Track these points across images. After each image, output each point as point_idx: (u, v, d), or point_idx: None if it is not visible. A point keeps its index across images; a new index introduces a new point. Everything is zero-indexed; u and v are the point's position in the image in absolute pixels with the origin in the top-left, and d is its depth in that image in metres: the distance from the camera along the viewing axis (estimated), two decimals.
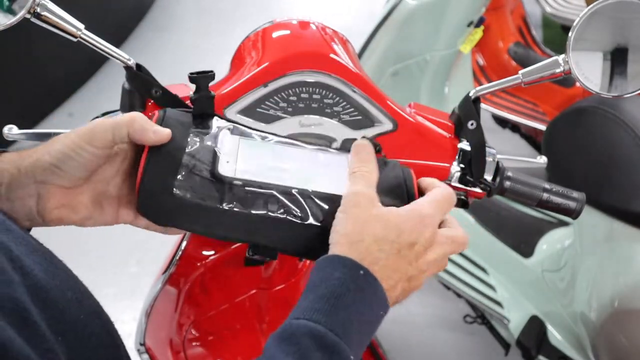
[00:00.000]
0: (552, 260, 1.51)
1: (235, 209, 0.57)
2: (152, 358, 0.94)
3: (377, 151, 0.63)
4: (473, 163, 0.75)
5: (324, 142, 0.74)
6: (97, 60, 2.88)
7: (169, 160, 0.56)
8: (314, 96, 0.72)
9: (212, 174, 0.57)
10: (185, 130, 0.60)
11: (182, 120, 0.61)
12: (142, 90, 0.68)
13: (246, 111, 0.71)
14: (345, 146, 0.74)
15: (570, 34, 0.67)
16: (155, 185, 0.55)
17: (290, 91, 0.72)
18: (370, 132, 0.74)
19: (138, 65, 0.68)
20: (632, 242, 1.16)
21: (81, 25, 0.64)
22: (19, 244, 0.45)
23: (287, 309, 0.90)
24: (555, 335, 1.45)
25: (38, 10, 0.62)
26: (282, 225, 0.57)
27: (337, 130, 0.73)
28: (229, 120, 0.66)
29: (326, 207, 0.58)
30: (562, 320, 1.43)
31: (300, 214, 0.57)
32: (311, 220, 0.57)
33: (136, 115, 0.56)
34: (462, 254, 1.64)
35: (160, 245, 0.70)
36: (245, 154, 0.61)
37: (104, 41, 0.66)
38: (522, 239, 1.59)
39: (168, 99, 0.69)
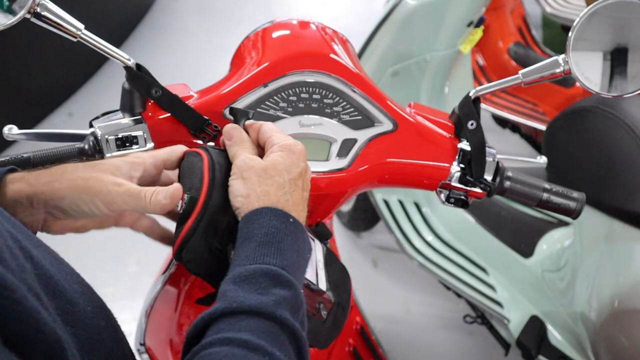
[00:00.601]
0: (552, 260, 1.51)
1: None
2: (152, 358, 0.94)
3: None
4: (473, 163, 0.75)
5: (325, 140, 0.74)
6: (97, 60, 2.87)
7: (215, 220, 0.58)
8: (314, 96, 0.72)
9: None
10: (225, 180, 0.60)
11: (225, 164, 0.61)
12: (142, 90, 0.68)
13: None
14: (345, 146, 0.74)
15: (570, 34, 0.67)
16: (200, 240, 0.57)
17: (290, 91, 0.72)
18: (370, 132, 0.74)
19: (138, 65, 0.68)
20: (632, 242, 1.16)
21: (81, 25, 0.64)
22: (25, 239, 0.46)
23: None
24: (555, 335, 1.45)
25: (38, 10, 0.62)
26: None
27: (337, 130, 0.73)
28: None
29: (310, 292, 0.64)
30: (562, 320, 1.43)
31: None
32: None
33: (154, 197, 0.58)
34: (462, 254, 1.64)
35: (161, 246, 0.70)
36: None
37: (104, 41, 0.66)
38: (522, 239, 1.59)
39: (168, 99, 0.69)
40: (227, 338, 0.45)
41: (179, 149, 0.64)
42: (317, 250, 0.69)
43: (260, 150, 0.63)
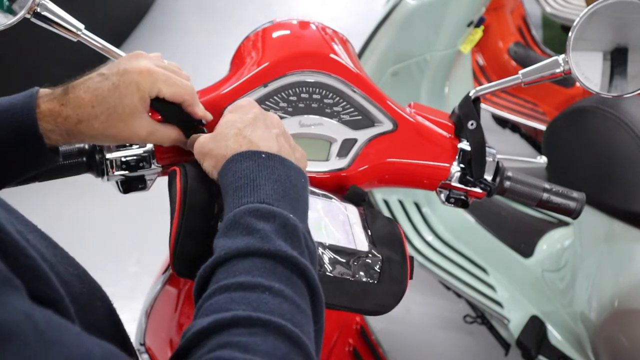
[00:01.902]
0: (552, 260, 1.51)
1: None
2: (152, 358, 0.94)
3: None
4: (473, 163, 0.75)
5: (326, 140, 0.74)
6: (97, 60, 2.87)
7: (199, 228, 0.58)
8: (314, 96, 0.72)
9: None
10: (203, 195, 0.60)
11: (201, 178, 0.61)
12: None
13: None
14: (345, 146, 0.74)
15: (570, 34, 0.67)
16: (187, 252, 0.58)
17: (290, 91, 0.72)
18: (370, 132, 0.74)
19: None
20: (632, 242, 1.16)
21: (81, 25, 0.64)
22: (20, 223, 0.46)
23: None
24: (555, 335, 1.45)
25: (38, 10, 0.62)
26: None
27: (337, 130, 0.73)
28: None
29: (340, 258, 0.62)
30: (562, 320, 1.43)
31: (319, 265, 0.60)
32: (324, 270, 0.60)
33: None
34: (462, 254, 1.64)
35: (160, 245, 0.70)
36: None
37: (104, 41, 0.66)
38: (522, 239, 1.59)
39: (168, 107, 0.68)
40: (223, 285, 0.45)
41: (186, 89, 0.64)
42: (351, 214, 0.68)
43: None
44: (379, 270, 0.64)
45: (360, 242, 0.65)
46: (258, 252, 0.47)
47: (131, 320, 0.98)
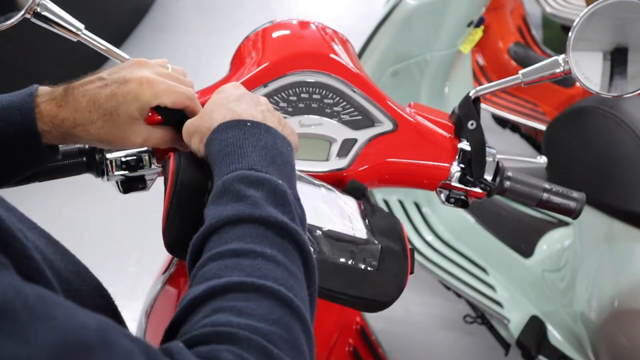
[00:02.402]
0: (552, 260, 1.51)
1: None
2: None
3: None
4: (473, 163, 0.75)
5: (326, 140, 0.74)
6: (97, 60, 2.87)
7: (192, 203, 0.58)
8: (314, 96, 0.72)
9: None
10: (196, 178, 0.60)
11: (195, 163, 0.61)
12: None
13: None
14: (345, 146, 0.74)
15: (570, 34, 0.67)
16: (180, 228, 0.58)
17: (290, 91, 0.72)
18: (370, 132, 0.74)
19: None
20: (632, 242, 1.16)
21: (81, 25, 0.64)
22: (19, 221, 0.46)
23: None
24: (555, 335, 1.45)
25: (38, 10, 0.62)
26: None
27: (337, 130, 0.73)
28: None
29: (338, 243, 0.62)
30: (562, 320, 1.43)
31: (314, 249, 0.60)
32: (319, 253, 0.60)
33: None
34: (462, 254, 1.64)
35: (160, 245, 0.70)
36: None
37: (104, 41, 0.66)
38: (522, 239, 1.59)
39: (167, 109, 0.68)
40: (216, 253, 0.45)
41: (187, 95, 0.63)
42: (351, 204, 0.69)
43: None
44: (378, 259, 0.63)
45: (360, 230, 0.65)
46: (249, 218, 0.47)
47: (131, 320, 0.98)
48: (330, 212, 0.65)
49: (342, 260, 0.61)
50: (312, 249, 0.49)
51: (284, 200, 0.49)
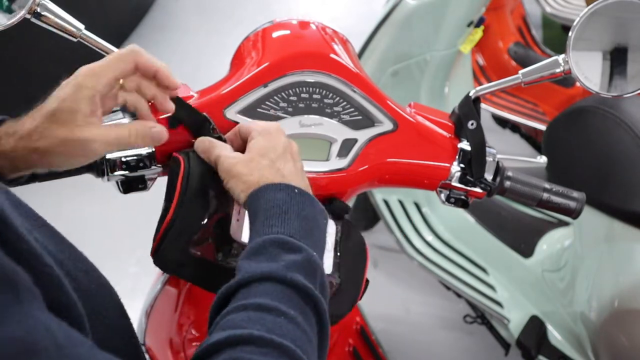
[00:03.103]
0: (552, 260, 1.51)
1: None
2: (152, 358, 0.94)
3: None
4: (473, 163, 0.75)
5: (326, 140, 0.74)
6: (97, 60, 2.87)
7: (191, 225, 0.62)
8: (314, 96, 0.72)
9: (224, 238, 0.63)
10: (208, 187, 0.63)
11: (204, 172, 0.63)
12: None
13: (246, 111, 0.71)
14: (345, 146, 0.74)
15: (570, 34, 0.67)
16: (174, 246, 0.61)
17: (290, 91, 0.72)
18: (370, 132, 0.74)
19: None
20: (632, 242, 1.16)
21: (81, 25, 0.64)
22: (28, 219, 0.46)
23: None
24: (555, 335, 1.45)
25: (38, 10, 0.62)
26: None
27: (337, 130, 0.73)
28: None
29: None
30: (562, 320, 1.42)
31: None
32: None
33: (138, 125, 0.60)
34: (462, 254, 1.64)
35: None
36: None
37: (104, 41, 0.66)
38: (522, 239, 1.59)
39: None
40: (243, 305, 0.47)
41: (122, 59, 0.60)
42: (330, 232, 0.70)
43: (244, 148, 0.64)
44: (332, 294, 0.68)
45: (327, 263, 0.67)
46: (279, 279, 0.49)
47: (131, 320, 0.98)
48: None
49: None
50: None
51: (314, 271, 0.52)
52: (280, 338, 0.45)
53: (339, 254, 0.70)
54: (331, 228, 0.70)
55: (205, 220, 0.63)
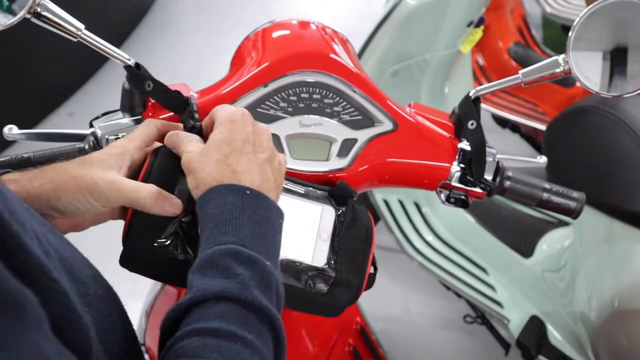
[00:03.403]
0: (552, 260, 1.51)
1: None
2: (152, 358, 0.94)
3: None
4: (473, 163, 0.75)
5: (326, 140, 0.74)
6: (97, 60, 2.87)
7: (155, 221, 0.58)
8: (314, 96, 0.72)
9: (192, 236, 0.59)
10: (171, 183, 0.60)
11: (169, 168, 0.60)
12: (142, 90, 0.68)
13: None
14: (345, 146, 0.74)
15: (570, 34, 0.67)
16: (138, 243, 0.59)
17: (290, 91, 0.72)
18: (370, 132, 0.74)
19: (137, 65, 0.68)
20: (632, 242, 1.16)
21: (81, 25, 0.64)
22: (40, 225, 0.46)
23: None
24: (555, 335, 1.45)
25: (38, 10, 0.62)
26: None
27: (337, 130, 0.73)
28: None
29: (291, 271, 0.64)
30: (562, 320, 1.43)
31: None
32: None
33: (148, 191, 0.57)
34: (462, 254, 1.64)
35: None
36: None
37: (104, 41, 0.66)
38: (522, 239, 1.59)
39: (163, 95, 0.68)
40: (197, 329, 0.45)
41: (151, 124, 0.63)
42: (325, 218, 0.68)
43: None
44: (328, 286, 0.65)
45: (319, 256, 0.66)
46: (233, 298, 0.47)
47: (130, 319, 0.98)
48: (294, 234, 0.65)
49: (291, 283, 0.63)
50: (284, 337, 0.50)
51: (269, 282, 0.50)
52: None
53: (337, 243, 0.67)
54: (329, 216, 0.68)
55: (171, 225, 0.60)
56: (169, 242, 0.59)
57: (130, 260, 0.61)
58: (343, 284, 0.66)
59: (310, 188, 0.70)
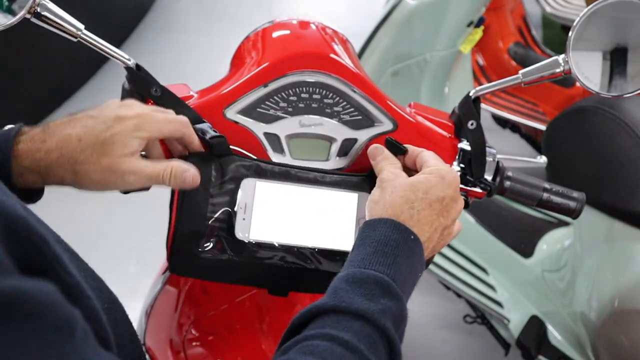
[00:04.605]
0: (552, 260, 1.51)
1: (251, 263, 0.66)
2: (152, 358, 0.94)
3: (402, 152, 0.69)
4: (473, 162, 0.75)
5: (327, 141, 0.74)
6: (97, 60, 2.87)
7: (195, 229, 0.65)
8: (314, 96, 0.72)
9: (231, 236, 0.66)
10: (205, 185, 0.65)
11: (203, 167, 0.65)
12: (142, 90, 0.68)
13: (246, 111, 0.71)
14: (345, 146, 0.74)
15: (570, 33, 0.67)
16: (184, 251, 0.65)
17: (290, 91, 0.72)
18: (370, 132, 0.74)
19: (137, 66, 0.68)
20: (632, 242, 1.16)
21: (81, 25, 0.64)
22: (56, 242, 0.46)
23: (286, 309, 0.90)
24: (555, 335, 1.45)
25: (38, 10, 0.62)
26: (293, 272, 0.67)
27: (337, 130, 0.73)
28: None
29: (327, 259, 0.67)
30: (562, 320, 1.43)
31: (307, 264, 0.67)
32: (317, 266, 0.67)
33: (174, 166, 0.60)
34: (462, 254, 1.64)
35: (160, 246, 0.70)
36: (260, 208, 0.68)
37: (104, 41, 0.66)
38: (522, 239, 1.59)
39: (168, 99, 0.69)
40: (329, 334, 0.47)
41: (186, 126, 0.64)
42: (362, 204, 0.69)
43: (411, 172, 0.66)
44: None
45: (348, 241, 0.68)
46: (372, 321, 0.49)
47: (131, 321, 0.98)
48: (323, 224, 0.68)
49: (333, 270, 0.67)
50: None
51: (402, 321, 0.54)
52: None
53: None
54: (352, 198, 0.69)
55: (210, 221, 0.65)
56: (211, 246, 0.65)
57: (179, 268, 0.67)
58: None
59: (345, 177, 0.71)
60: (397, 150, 0.69)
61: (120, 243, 2.06)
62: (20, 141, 0.56)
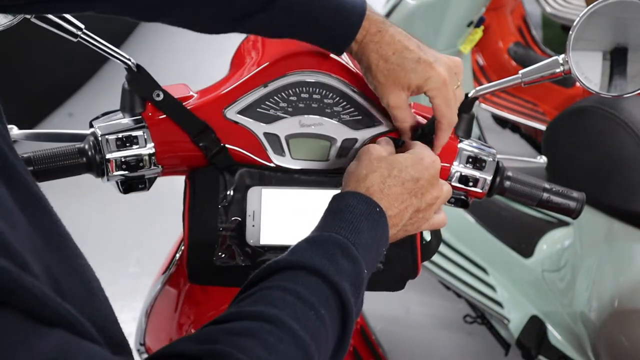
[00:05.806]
0: (552, 260, 1.51)
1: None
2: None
3: (399, 145, 0.72)
4: (428, 127, 0.73)
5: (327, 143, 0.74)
6: (97, 60, 2.87)
7: (207, 239, 0.69)
8: (314, 96, 0.72)
9: (243, 243, 0.69)
10: (213, 197, 0.69)
11: (209, 182, 0.69)
12: (142, 90, 0.68)
13: (246, 111, 0.71)
14: (345, 146, 0.74)
15: (570, 33, 0.67)
16: (200, 261, 0.69)
17: (290, 91, 0.72)
18: (371, 132, 0.74)
19: (138, 66, 0.68)
20: (632, 242, 1.16)
21: (81, 25, 0.64)
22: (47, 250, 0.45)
23: None
24: (555, 335, 1.45)
25: None
26: None
27: (337, 130, 0.73)
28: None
29: None
30: (562, 320, 1.42)
31: None
32: None
33: None
34: (462, 254, 1.64)
35: (160, 245, 0.71)
36: (268, 214, 0.71)
37: (104, 41, 0.66)
38: (522, 239, 1.59)
39: (169, 103, 0.69)
40: (284, 286, 0.49)
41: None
42: None
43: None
44: (381, 264, 0.72)
45: None
46: (326, 278, 0.50)
47: (131, 320, 0.98)
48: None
49: None
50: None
51: (360, 286, 0.54)
52: (302, 330, 0.46)
53: None
54: None
55: (221, 231, 0.69)
56: (225, 254, 0.68)
57: (197, 277, 0.70)
58: (396, 259, 0.72)
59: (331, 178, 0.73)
60: (395, 143, 0.71)
61: (121, 243, 2.06)
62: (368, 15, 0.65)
